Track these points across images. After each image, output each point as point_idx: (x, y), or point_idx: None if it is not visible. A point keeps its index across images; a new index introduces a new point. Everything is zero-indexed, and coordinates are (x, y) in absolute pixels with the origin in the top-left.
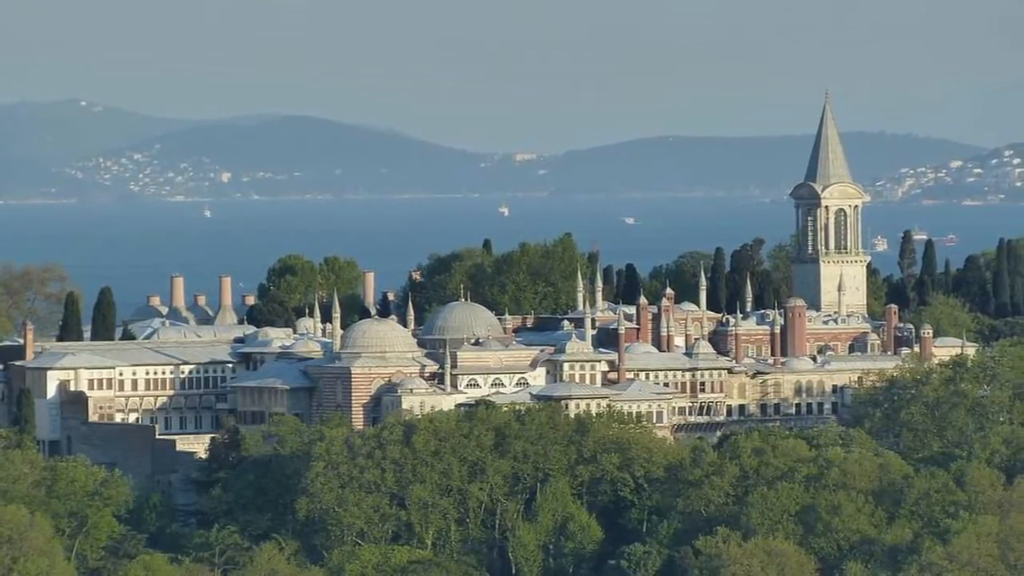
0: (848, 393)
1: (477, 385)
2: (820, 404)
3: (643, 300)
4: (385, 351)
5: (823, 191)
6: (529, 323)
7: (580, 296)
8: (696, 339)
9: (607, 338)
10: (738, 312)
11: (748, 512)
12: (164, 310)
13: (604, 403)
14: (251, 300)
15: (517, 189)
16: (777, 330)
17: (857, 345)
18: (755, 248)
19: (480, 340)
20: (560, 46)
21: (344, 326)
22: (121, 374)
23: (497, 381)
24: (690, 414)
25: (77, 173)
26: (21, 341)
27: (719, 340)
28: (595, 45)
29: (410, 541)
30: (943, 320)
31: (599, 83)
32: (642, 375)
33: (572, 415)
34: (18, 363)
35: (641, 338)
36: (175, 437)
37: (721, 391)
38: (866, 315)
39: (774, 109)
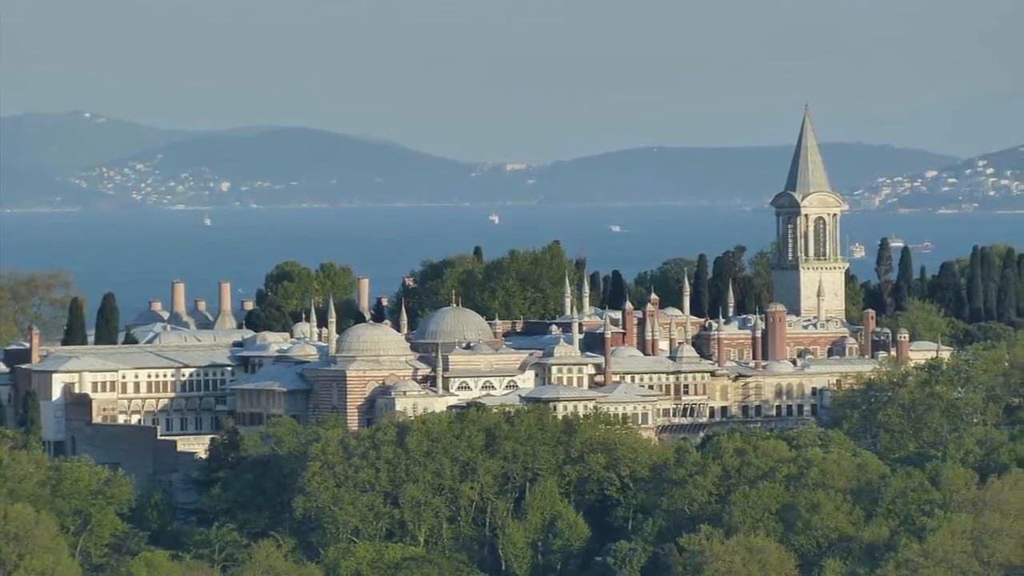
0: (827, 395)
1: (468, 387)
2: (800, 406)
3: (629, 305)
4: (379, 355)
5: (803, 200)
6: (518, 328)
7: (568, 301)
8: (680, 343)
9: (594, 342)
10: (720, 317)
11: (730, 510)
12: (165, 315)
13: (591, 405)
14: (250, 305)
15: (507, 198)
16: (758, 334)
17: (835, 349)
18: (737, 255)
19: (471, 344)
20: (549, 60)
21: (340, 330)
22: (124, 377)
23: (487, 384)
24: (674, 416)
25: (81, 182)
26: (27, 345)
27: (702, 344)
28: (582, 59)
29: (403, 538)
30: (919, 325)
31: (587, 96)
32: (628, 378)
33: (560, 416)
34: (24, 366)
35: (627, 342)
36: (176, 438)
37: (704, 393)
38: (844, 320)
39: (756, 121)
